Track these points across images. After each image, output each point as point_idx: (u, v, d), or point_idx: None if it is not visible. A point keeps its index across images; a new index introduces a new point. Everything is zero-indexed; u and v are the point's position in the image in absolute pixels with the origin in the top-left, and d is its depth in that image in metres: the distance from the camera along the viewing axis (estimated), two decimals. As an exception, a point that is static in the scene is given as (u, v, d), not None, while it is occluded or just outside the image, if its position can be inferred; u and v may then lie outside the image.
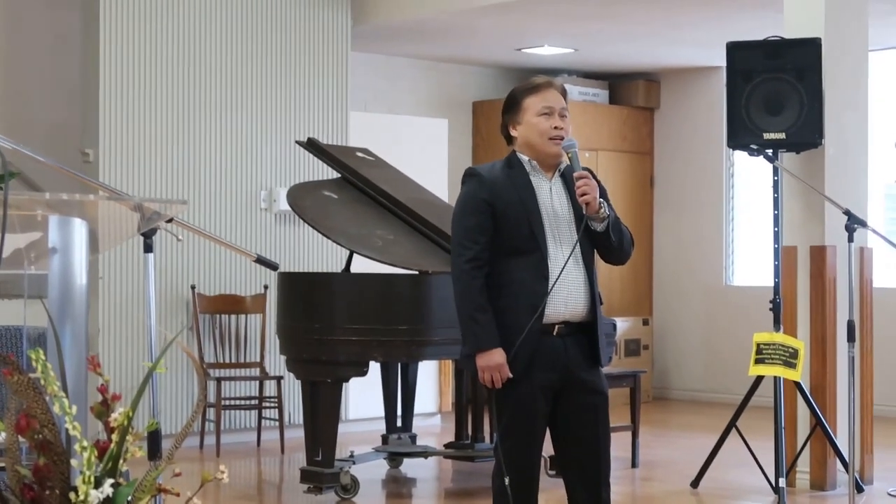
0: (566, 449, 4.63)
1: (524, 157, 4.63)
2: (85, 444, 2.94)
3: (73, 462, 2.95)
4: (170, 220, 4.12)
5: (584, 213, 4.49)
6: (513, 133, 4.66)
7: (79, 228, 3.34)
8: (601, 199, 4.49)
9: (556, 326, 4.51)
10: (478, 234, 4.54)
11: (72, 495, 2.91)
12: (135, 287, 8.76)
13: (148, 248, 4.13)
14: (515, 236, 4.52)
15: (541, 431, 4.59)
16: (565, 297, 4.51)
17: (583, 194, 4.44)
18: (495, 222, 4.54)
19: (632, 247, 4.70)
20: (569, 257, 4.48)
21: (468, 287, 4.52)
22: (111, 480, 2.95)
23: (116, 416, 3.04)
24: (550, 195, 4.59)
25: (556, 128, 4.56)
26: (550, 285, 4.46)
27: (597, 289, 4.60)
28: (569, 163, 4.57)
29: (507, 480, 4.48)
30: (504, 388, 4.50)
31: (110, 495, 2.93)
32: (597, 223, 4.51)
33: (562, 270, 4.47)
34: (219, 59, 9.30)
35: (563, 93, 4.64)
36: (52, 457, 2.95)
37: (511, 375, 4.47)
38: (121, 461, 3.01)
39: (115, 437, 3.01)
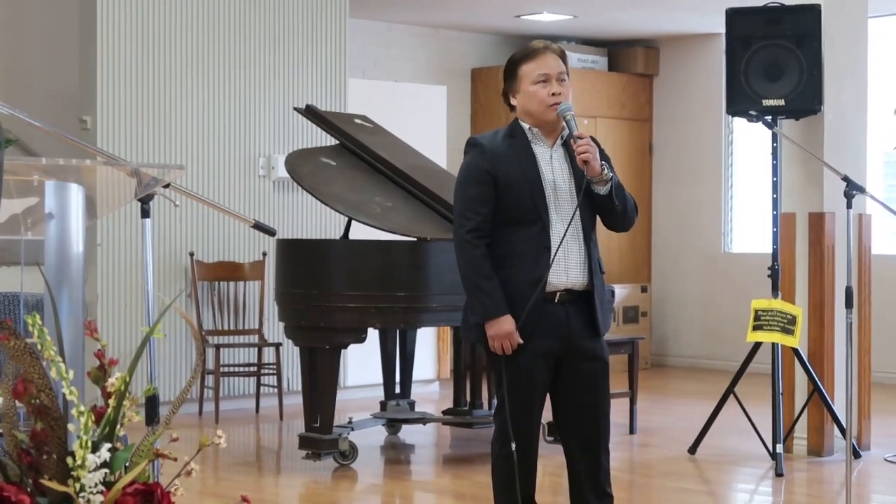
0: (566, 415, 4.64)
1: (525, 125, 4.61)
2: (82, 408, 2.94)
3: (71, 427, 2.96)
4: (167, 186, 4.11)
5: (586, 174, 4.46)
6: (513, 101, 4.64)
7: (76, 194, 3.33)
8: (603, 162, 4.48)
9: (558, 293, 4.52)
10: (479, 204, 4.53)
11: (69, 460, 2.91)
12: (133, 254, 8.76)
13: (145, 214, 4.12)
14: (517, 207, 4.51)
15: (541, 399, 4.61)
16: (566, 267, 4.51)
17: (582, 153, 4.41)
18: (497, 192, 4.53)
19: (636, 213, 4.67)
20: (569, 225, 4.47)
21: (472, 256, 4.52)
22: (108, 445, 2.96)
23: (113, 381, 3.04)
24: (551, 163, 4.57)
25: (553, 94, 4.53)
26: (552, 257, 4.46)
27: (596, 257, 4.59)
28: (566, 126, 4.54)
29: (513, 446, 4.49)
30: (506, 357, 4.50)
31: (107, 460, 2.93)
32: (599, 186, 4.49)
33: (562, 240, 4.47)
34: (216, 26, 9.27)
35: (562, 55, 4.58)
36: (49, 422, 2.96)
37: (521, 342, 4.47)
38: (118, 426, 3.02)
39: (112, 402, 3.01)
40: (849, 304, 6.14)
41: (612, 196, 4.51)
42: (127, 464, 3.00)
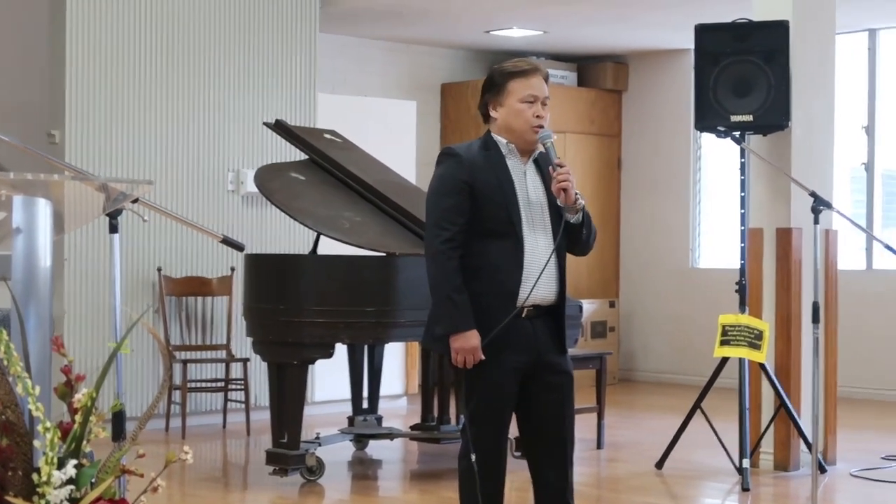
0: (532, 428, 4.65)
1: (501, 140, 4.62)
2: (48, 424, 2.93)
3: (36, 443, 2.94)
4: (135, 201, 4.10)
5: (560, 203, 4.51)
6: (493, 113, 4.64)
7: (43, 209, 3.33)
8: (577, 192, 4.51)
9: (525, 309, 4.53)
10: (456, 215, 4.52)
11: (35, 476, 2.90)
12: (101, 269, 8.72)
13: (113, 229, 4.11)
14: (492, 219, 4.52)
15: (509, 415, 4.62)
16: (538, 282, 4.52)
17: (562, 181, 4.45)
18: (473, 204, 4.53)
19: (594, 239, 4.73)
20: (556, 246, 4.50)
21: (445, 268, 4.50)
22: (74, 461, 2.95)
23: (80, 396, 3.03)
24: (525, 180, 4.59)
25: (538, 116, 4.56)
26: (537, 276, 4.47)
27: (565, 274, 4.62)
28: (544, 152, 4.57)
29: (473, 458, 4.49)
30: (475, 371, 4.50)
31: (73, 476, 2.92)
32: (571, 214, 4.53)
33: (548, 261, 4.49)
34: (186, 40, 9.26)
35: (547, 80, 4.63)
36: (14, 438, 2.94)
37: (483, 358, 4.47)
38: (84, 442, 3.01)
39: (78, 417, 3.00)
40: (815, 320, 6.17)
41: (582, 225, 4.56)
42: (93, 480, 2.99)
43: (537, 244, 4.53)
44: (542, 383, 4.60)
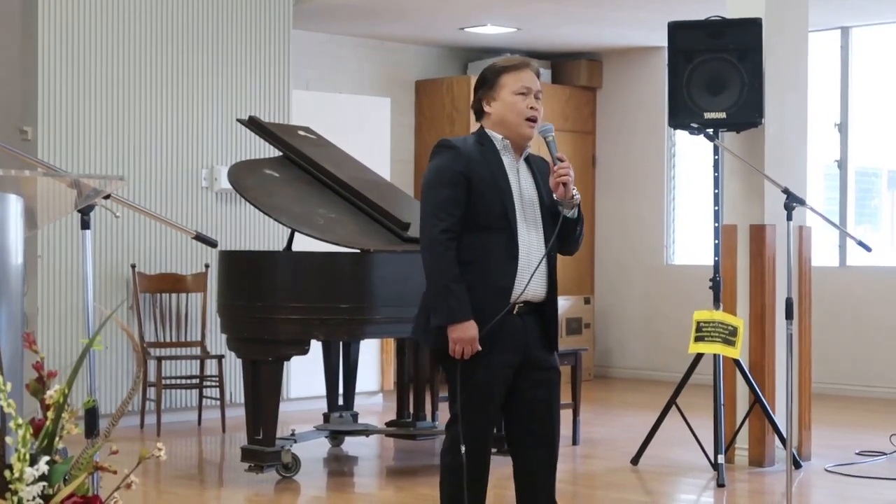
0: (519, 425, 4.65)
1: (496, 136, 4.63)
2: (20, 421, 2.92)
3: (9, 439, 2.93)
4: (107, 197, 4.08)
5: (556, 197, 4.53)
6: (486, 109, 4.65)
7: (15, 205, 3.31)
8: (573, 187, 4.54)
9: (517, 305, 4.53)
10: (452, 206, 4.51)
11: (7, 473, 2.89)
12: (74, 266, 8.69)
13: (85, 225, 4.09)
14: (487, 213, 4.52)
15: (497, 413, 4.62)
16: (529, 278, 4.53)
17: (562, 175, 4.48)
18: (468, 197, 4.53)
19: (582, 237, 4.75)
20: (553, 239, 4.53)
21: (442, 258, 4.49)
22: (47, 458, 2.93)
23: (52, 393, 3.01)
24: (518, 176, 4.62)
25: (531, 108, 4.59)
26: (532, 270, 4.49)
27: (555, 272, 4.64)
28: (547, 147, 4.60)
29: (462, 449, 4.48)
30: (464, 367, 4.49)
31: (46, 473, 2.91)
32: (566, 209, 4.55)
33: (544, 256, 4.53)
34: (159, 36, 9.23)
35: (538, 75, 4.68)
36: (-14, 434, 2.93)
37: (480, 348, 4.47)
38: (57, 439, 2.99)
39: (50, 414, 2.99)
40: (789, 316, 6.19)
41: (577, 221, 4.60)
42: (66, 477, 2.98)
43: (531, 240, 4.55)
44: (530, 380, 4.61)
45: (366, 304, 7.03)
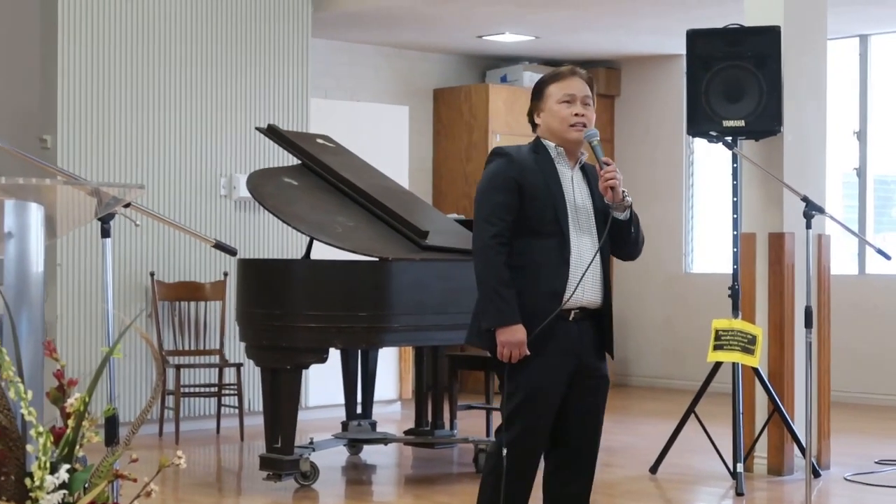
0: (564, 431, 4.66)
1: (550, 144, 4.69)
2: (41, 429, 2.92)
3: (29, 447, 2.94)
4: (127, 205, 4.10)
5: (607, 201, 4.57)
6: (537, 120, 4.73)
7: (35, 213, 3.32)
8: (623, 189, 4.58)
9: (573, 311, 4.55)
10: (504, 211, 4.56)
11: (27, 481, 2.90)
12: (94, 274, 8.71)
13: (105, 234, 4.10)
14: (539, 219, 4.56)
15: (551, 418, 4.62)
16: (584, 284, 4.56)
17: (609, 179, 4.51)
18: (520, 203, 4.57)
19: (643, 242, 4.78)
20: (600, 245, 4.57)
21: (493, 262, 4.53)
22: (67, 466, 2.94)
23: (73, 401, 3.02)
24: (572, 184, 4.66)
25: (576, 115, 4.63)
26: (582, 274, 4.53)
27: (610, 279, 4.68)
28: (592, 152, 4.63)
29: (504, 452, 4.50)
30: (518, 372, 4.51)
31: (66, 481, 2.92)
32: (619, 212, 4.59)
33: (593, 259, 4.56)
34: (179, 44, 9.25)
35: (590, 82, 4.72)
36: (7, 442, 2.94)
37: (528, 353, 4.49)
38: (77, 447, 3.00)
39: (71, 422, 3.00)
40: (808, 324, 6.18)
41: (630, 222, 4.63)
42: (86, 485, 2.98)
43: (583, 246, 4.59)
44: (581, 386, 4.64)
45: (384, 312, 7.03)
